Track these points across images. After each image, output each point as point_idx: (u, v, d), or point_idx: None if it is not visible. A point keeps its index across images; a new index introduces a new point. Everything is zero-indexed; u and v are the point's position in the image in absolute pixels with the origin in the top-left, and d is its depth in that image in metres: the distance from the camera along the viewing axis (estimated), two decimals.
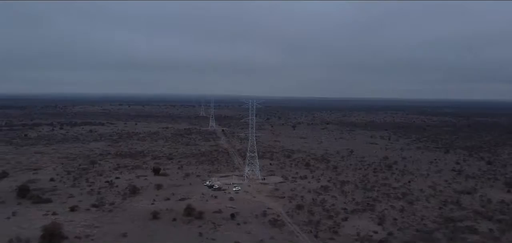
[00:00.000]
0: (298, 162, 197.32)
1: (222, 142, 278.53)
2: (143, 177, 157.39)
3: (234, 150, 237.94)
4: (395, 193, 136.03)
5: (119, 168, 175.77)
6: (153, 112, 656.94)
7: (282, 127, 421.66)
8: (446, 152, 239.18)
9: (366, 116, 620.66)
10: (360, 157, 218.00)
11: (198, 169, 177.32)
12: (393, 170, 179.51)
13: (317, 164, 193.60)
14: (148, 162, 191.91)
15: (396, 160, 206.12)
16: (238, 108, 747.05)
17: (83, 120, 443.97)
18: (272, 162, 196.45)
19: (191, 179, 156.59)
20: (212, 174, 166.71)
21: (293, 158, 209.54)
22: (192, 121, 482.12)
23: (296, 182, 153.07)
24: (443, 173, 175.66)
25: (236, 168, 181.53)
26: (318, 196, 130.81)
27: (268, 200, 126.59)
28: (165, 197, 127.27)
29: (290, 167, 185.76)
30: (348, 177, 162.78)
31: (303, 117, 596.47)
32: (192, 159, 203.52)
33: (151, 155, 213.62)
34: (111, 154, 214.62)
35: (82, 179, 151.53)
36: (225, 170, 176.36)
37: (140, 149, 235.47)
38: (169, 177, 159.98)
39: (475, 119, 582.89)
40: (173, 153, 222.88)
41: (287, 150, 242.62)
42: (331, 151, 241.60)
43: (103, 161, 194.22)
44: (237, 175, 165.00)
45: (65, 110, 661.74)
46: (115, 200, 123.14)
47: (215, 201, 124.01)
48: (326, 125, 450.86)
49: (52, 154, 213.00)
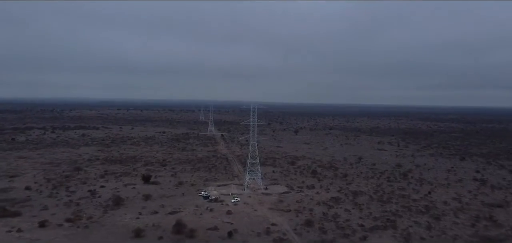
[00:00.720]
0: (303, 170, 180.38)
1: (220, 148, 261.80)
2: (131, 186, 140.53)
3: (234, 156, 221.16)
4: (416, 206, 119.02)
5: (106, 175, 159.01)
6: (151, 117, 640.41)
7: (284, 132, 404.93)
8: (462, 159, 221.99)
9: (369, 122, 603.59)
10: (370, 164, 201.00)
11: (193, 176, 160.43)
12: (409, 179, 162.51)
13: (324, 171, 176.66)
14: (138, 169, 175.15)
15: (410, 168, 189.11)
16: (238, 114, 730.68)
17: (77, 124, 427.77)
18: (275, 169, 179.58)
19: (184, 188, 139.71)
20: (208, 182, 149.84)
21: (298, 165, 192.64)
22: (191, 126, 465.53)
23: (303, 192, 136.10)
24: (465, 182, 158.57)
25: (235, 175, 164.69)
26: (329, 209, 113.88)
27: (272, 213, 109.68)
28: (153, 209, 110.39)
29: (294, 175, 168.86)
30: (361, 187, 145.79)
31: (305, 122, 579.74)
32: (187, 165, 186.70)
33: (143, 161, 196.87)
34: (100, 160, 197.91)
35: (61, 188, 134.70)
36: (223, 178, 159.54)
37: (132, 154, 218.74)
38: (160, 185, 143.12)
39: (482, 125, 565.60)
40: (168, 158, 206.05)
41: (290, 156, 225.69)
42: (338, 157, 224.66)
43: (90, 167, 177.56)
44: (236, 184, 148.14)
45: (62, 114, 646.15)
46: (95, 213, 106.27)
47: (210, 215, 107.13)
48: (330, 130, 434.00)
49: (36, 159, 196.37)
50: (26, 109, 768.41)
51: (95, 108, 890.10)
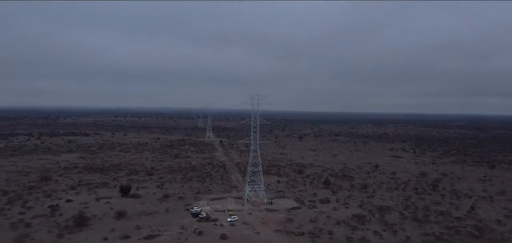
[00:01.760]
0: (313, 179, 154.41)
1: (218, 154, 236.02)
2: (105, 200, 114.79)
3: (233, 164, 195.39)
4: (464, 227, 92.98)
5: (79, 186, 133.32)
6: (148, 123, 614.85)
7: (287, 138, 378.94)
8: (492, 167, 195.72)
9: (376, 129, 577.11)
10: (389, 172, 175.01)
11: (184, 188, 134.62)
12: (441, 190, 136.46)
13: (338, 181, 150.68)
14: (120, 178, 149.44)
15: (437, 177, 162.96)
16: (238, 121, 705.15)
17: (67, 131, 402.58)
18: (281, 179, 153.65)
19: (170, 202, 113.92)
20: (200, 195, 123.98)
21: (306, 174, 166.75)
22: (188, 132, 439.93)
23: (316, 207, 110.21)
24: (509, 194, 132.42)
25: (233, 187, 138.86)
26: (354, 231, 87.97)
27: (280, 238, 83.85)
28: (124, 232, 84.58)
29: (303, 185, 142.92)
30: (385, 201, 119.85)
31: (309, 129, 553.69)
32: (178, 174, 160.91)
33: (128, 169, 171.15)
34: (79, 168, 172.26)
35: (17, 203, 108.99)
36: (219, 189, 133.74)
37: (118, 162, 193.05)
38: (141, 199, 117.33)
39: (493, 132, 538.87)
40: (157, 166, 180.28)
41: (297, 163, 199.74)
42: (351, 164, 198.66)
43: (64, 176, 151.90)
44: (234, 197, 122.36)
45: (56, 121, 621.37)
46: (45, 238, 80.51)
47: (198, 240, 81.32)
48: (336, 137, 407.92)
49: (7, 167, 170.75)
50: (21, 116, 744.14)
51: (92, 115, 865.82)
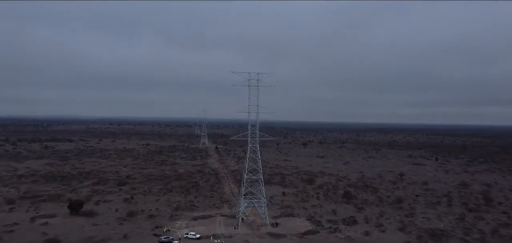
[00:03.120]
0: (327, 191, 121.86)
1: (212, 161, 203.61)
2: (44, 220, 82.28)
3: (227, 172, 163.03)
4: None
5: (21, 199, 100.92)
6: (142, 131, 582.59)
7: (290, 145, 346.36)
8: None
9: (383, 137, 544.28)
10: (419, 182, 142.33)
11: (159, 202, 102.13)
12: (496, 205, 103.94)
13: (361, 193, 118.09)
14: (82, 189, 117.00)
15: (482, 188, 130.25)
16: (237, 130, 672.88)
17: (51, 137, 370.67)
18: (287, 190, 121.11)
19: (134, 223, 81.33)
20: (179, 213, 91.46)
21: (318, 184, 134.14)
22: (183, 139, 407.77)
23: (340, 231, 77.67)
24: None
25: (225, 201, 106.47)
26: None
27: None
28: None
29: (317, 198, 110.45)
30: (432, 221, 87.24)
31: (311, 136, 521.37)
32: (157, 184, 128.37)
33: (97, 178, 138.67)
34: (37, 176, 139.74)
35: None
36: (207, 204, 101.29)
37: (89, 169, 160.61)
38: (96, 218, 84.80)
39: (510, 140, 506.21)
40: (134, 175, 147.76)
41: (304, 171, 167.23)
42: (369, 173, 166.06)
43: (11, 186, 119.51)
44: (225, 215, 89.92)
45: (46, 129, 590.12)
46: None
47: None
48: (342, 144, 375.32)
49: None
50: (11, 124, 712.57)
51: (85, 123, 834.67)
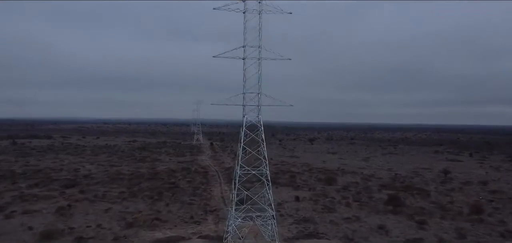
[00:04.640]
0: (358, 194, 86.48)
1: (203, 158, 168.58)
2: None
3: (220, 170, 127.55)
4: None
5: None
6: (136, 130, 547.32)
7: (295, 142, 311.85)
8: None
9: (392, 134, 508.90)
10: (475, 183, 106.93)
11: (109, 213, 66.72)
12: None
13: (410, 199, 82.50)
14: (5, 193, 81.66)
15: None
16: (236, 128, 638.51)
17: (28, 134, 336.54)
18: (300, 194, 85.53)
19: None
20: (133, 231, 55.90)
21: (342, 185, 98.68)
22: (177, 137, 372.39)
23: None
24: None
25: (211, 210, 70.97)
26: None
27: None
28: None
29: (346, 206, 75.08)
30: None
31: (315, 133, 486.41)
32: (120, 186, 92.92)
33: (39, 178, 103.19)
34: None
35: None
36: (182, 216, 65.81)
37: (44, 167, 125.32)
38: None
39: None
40: (95, 173, 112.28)
41: (318, 169, 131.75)
42: (401, 171, 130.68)
43: None
44: (204, 237, 54.34)
45: (33, 128, 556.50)
46: None
47: None
48: (352, 140, 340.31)
49: None
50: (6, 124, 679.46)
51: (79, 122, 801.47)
